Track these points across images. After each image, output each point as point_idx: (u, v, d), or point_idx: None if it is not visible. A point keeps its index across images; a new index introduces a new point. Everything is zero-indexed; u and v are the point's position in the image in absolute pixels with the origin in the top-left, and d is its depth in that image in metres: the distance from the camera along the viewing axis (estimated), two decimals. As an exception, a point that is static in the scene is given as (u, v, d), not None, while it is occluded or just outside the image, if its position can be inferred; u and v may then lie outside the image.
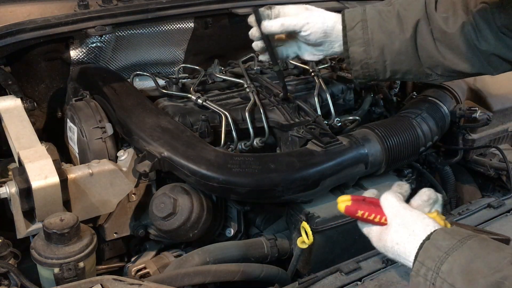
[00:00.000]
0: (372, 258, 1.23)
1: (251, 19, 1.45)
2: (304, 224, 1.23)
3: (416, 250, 0.96)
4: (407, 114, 1.67)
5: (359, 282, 1.17)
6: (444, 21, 1.33)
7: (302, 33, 1.39)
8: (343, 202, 1.09)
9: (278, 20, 1.39)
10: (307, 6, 1.43)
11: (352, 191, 1.52)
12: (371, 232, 1.08)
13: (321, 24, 1.38)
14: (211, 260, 1.35)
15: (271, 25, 1.39)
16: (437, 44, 1.35)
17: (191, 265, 1.32)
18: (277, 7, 1.43)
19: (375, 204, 1.07)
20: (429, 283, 0.91)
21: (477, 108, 1.74)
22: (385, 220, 1.04)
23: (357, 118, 1.78)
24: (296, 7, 1.42)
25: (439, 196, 1.07)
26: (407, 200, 1.08)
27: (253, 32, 1.45)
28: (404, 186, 1.11)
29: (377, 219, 1.05)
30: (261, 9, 1.44)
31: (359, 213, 1.07)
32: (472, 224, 1.37)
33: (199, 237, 1.43)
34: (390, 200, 1.05)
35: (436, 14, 1.34)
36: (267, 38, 1.43)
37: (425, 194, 1.06)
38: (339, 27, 1.39)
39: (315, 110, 1.69)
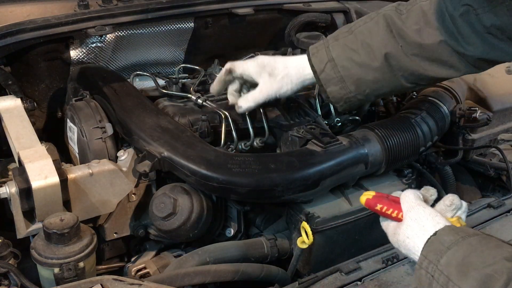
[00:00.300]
0: (372, 258, 1.24)
1: (214, 89, 1.54)
2: (304, 224, 1.23)
3: (423, 245, 0.98)
4: (407, 114, 1.67)
5: (359, 282, 1.17)
6: (417, 34, 1.30)
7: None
8: (365, 195, 1.13)
9: (250, 99, 1.45)
10: (266, 66, 1.43)
11: (352, 191, 1.52)
12: (388, 227, 1.10)
13: (291, 90, 1.43)
14: (211, 260, 1.35)
15: (246, 106, 1.47)
16: (414, 60, 1.32)
17: (191, 265, 1.32)
18: (238, 68, 1.47)
19: (396, 202, 1.09)
20: (430, 275, 0.93)
21: (477, 108, 1.74)
22: (402, 216, 1.06)
23: (357, 118, 1.78)
24: (255, 65, 1.44)
25: (464, 204, 1.08)
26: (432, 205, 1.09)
27: (232, 100, 1.53)
28: (430, 190, 1.12)
29: (394, 214, 1.08)
30: (221, 73, 1.50)
31: (378, 206, 1.10)
32: (472, 224, 1.37)
33: (199, 237, 1.43)
34: (409, 196, 1.08)
35: (405, 28, 1.31)
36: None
37: (448, 199, 1.07)
38: (308, 77, 1.41)
39: (315, 110, 1.69)
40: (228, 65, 1.48)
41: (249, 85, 1.51)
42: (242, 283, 1.32)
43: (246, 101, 1.46)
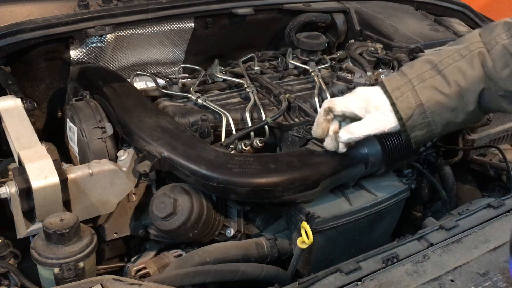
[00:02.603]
0: (372, 258, 1.23)
1: (318, 132, 1.35)
2: (304, 224, 1.23)
3: None
4: (407, 114, 1.67)
5: (359, 282, 1.17)
6: (509, 80, 1.18)
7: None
8: None
9: (354, 131, 1.29)
10: (370, 99, 1.26)
11: (352, 191, 1.52)
12: None
13: (382, 127, 1.26)
14: (211, 260, 1.35)
15: (347, 138, 1.31)
16: (500, 101, 1.22)
17: (191, 265, 1.32)
18: (338, 105, 1.30)
19: None
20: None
21: (477, 108, 1.74)
22: None
23: (357, 118, 1.78)
24: (357, 100, 1.28)
25: None
26: None
27: (332, 146, 1.37)
28: None
29: None
30: (320, 114, 1.32)
31: None
32: (472, 224, 1.37)
33: (199, 237, 1.43)
34: None
35: (496, 72, 1.18)
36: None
37: None
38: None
39: (315, 110, 1.69)
40: (326, 104, 1.32)
41: (349, 121, 1.34)
42: (242, 283, 1.32)
43: (348, 133, 1.30)
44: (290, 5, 2.10)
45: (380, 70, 1.96)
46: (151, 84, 1.77)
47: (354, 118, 1.31)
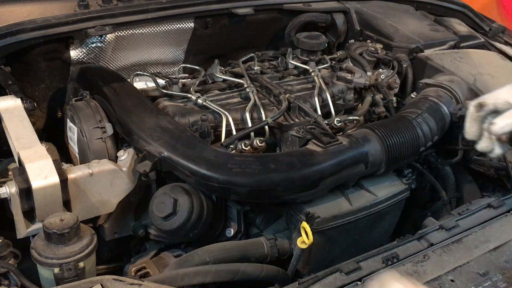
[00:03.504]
0: (372, 258, 1.23)
1: (471, 131, 1.21)
2: (304, 224, 1.23)
3: None
4: (407, 114, 1.67)
5: (359, 282, 1.17)
6: None
7: None
8: None
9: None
10: None
11: (352, 191, 1.52)
12: None
13: None
14: (211, 260, 1.35)
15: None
16: None
17: (191, 265, 1.32)
18: (489, 99, 1.18)
19: None
20: None
21: (477, 108, 1.73)
22: None
23: (357, 118, 1.78)
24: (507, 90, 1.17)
25: None
26: None
27: (488, 146, 1.23)
28: None
29: None
30: (471, 112, 1.20)
31: None
32: (472, 224, 1.37)
33: (199, 237, 1.43)
34: None
35: None
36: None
37: None
38: None
39: (315, 110, 1.69)
40: (474, 102, 1.20)
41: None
42: (242, 283, 1.32)
43: (505, 118, 1.15)
44: (290, 5, 2.10)
45: (380, 70, 1.96)
46: (151, 84, 1.77)
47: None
